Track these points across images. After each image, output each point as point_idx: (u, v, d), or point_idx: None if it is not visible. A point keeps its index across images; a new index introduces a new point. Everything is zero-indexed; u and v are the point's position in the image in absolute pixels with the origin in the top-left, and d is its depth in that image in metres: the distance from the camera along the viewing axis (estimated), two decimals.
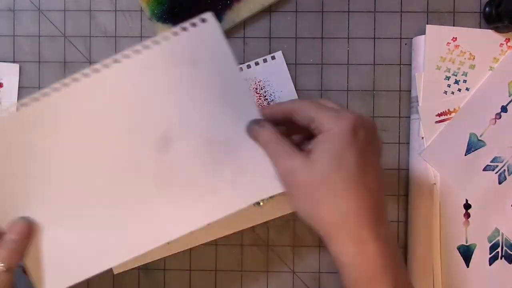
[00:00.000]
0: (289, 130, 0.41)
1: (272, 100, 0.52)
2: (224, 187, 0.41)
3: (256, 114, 0.41)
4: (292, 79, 0.53)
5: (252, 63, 0.52)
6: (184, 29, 0.40)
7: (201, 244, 0.53)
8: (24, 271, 0.42)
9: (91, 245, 0.42)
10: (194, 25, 0.40)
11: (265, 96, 0.52)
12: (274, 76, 0.52)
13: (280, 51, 0.52)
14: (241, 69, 0.52)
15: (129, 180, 0.41)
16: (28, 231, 0.40)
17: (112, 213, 0.42)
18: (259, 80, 0.52)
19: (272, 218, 0.52)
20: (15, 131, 0.41)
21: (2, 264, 0.38)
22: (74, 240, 0.42)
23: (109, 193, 0.42)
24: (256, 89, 0.52)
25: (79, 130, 0.41)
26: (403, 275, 0.38)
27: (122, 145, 0.41)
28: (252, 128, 0.40)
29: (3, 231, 0.40)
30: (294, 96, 0.52)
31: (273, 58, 0.52)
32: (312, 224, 0.38)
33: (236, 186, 0.42)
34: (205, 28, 0.40)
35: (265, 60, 0.52)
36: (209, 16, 0.40)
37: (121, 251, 0.42)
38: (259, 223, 0.52)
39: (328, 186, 0.36)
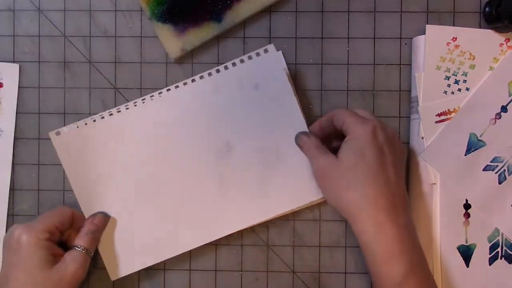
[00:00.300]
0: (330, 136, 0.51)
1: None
2: (273, 191, 0.50)
3: (304, 128, 0.50)
4: (292, 79, 0.53)
5: (245, 57, 0.51)
6: (250, 57, 0.51)
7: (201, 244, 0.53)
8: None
9: (158, 236, 0.51)
10: (258, 54, 0.51)
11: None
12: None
13: (272, 44, 0.51)
14: (234, 64, 0.51)
15: (196, 180, 0.51)
16: (105, 223, 0.50)
17: (180, 207, 0.51)
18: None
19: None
20: (101, 138, 0.51)
21: (85, 248, 0.48)
22: (143, 230, 0.51)
23: (179, 191, 0.51)
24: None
25: (156, 138, 0.51)
26: (421, 259, 0.45)
27: (192, 151, 0.51)
28: (300, 138, 0.49)
29: (82, 221, 0.50)
30: (293, 98, 0.51)
31: (265, 51, 0.51)
32: (339, 208, 0.46)
33: (283, 191, 0.50)
34: (267, 57, 0.50)
35: (257, 54, 0.51)
36: (271, 47, 0.51)
37: (184, 242, 0.51)
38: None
39: (352, 176, 0.45)
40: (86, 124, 0.51)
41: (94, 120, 0.51)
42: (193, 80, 0.51)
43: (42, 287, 0.44)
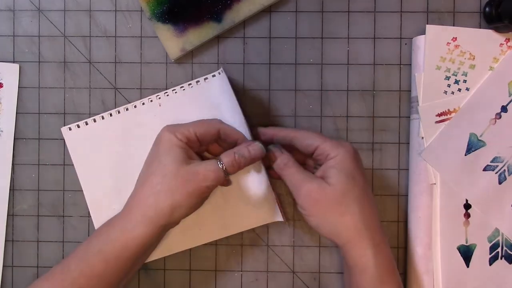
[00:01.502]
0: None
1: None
2: (232, 209, 0.51)
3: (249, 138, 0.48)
4: (292, 79, 0.53)
5: (193, 81, 0.51)
6: (205, 79, 0.50)
7: (201, 244, 0.53)
8: None
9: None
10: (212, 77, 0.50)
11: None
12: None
13: (222, 68, 0.50)
14: (182, 87, 0.51)
15: None
16: (259, 156, 0.46)
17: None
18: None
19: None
20: (110, 134, 0.52)
21: (225, 165, 0.45)
22: None
23: None
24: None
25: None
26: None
27: None
28: (273, 154, 0.48)
29: (232, 142, 0.48)
30: (239, 117, 0.49)
31: (213, 76, 0.51)
32: (334, 234, 0.45)
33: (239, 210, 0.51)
34: (218, 80, 0.50)
35: (205, 79, 0.50)
36: (220, 70, 0.50)
37: (176, 242, 0.52)
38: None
39: (348, 201, 0.44)
40: (95, 121, 0.52)
41: (103, 118, 0.52)
42: (197, 82, 0.51)
43: (170, 181, 0.43)
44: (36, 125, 0.54)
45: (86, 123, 0.52)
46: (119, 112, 0.52)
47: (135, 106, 0.52)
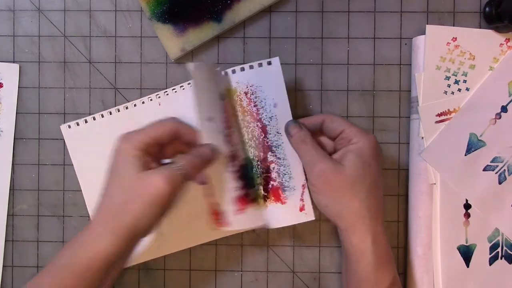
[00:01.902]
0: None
1: (262, 107, 0.50)
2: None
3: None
4: (292, 80, 0.53)
5: (246, 65, 0.50)
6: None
7: (201, 244, 0.53)
8: None
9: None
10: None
11: (255, 102, 0.50)
12: (268, 82, 0.49)
13: (278, 58, 0.49)
14: (233, 71, 0.50)
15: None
16: (211, 156, 0.46)
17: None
18: (250, 85, 0.50)
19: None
20: (109, 132, 0.51)
21: (180, 168, 0.43)
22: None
23: None
24: (247, 93, 0.50)
25: None
26: (396, 269, 0.47)
27: None
28: (291, 128, 0.48)
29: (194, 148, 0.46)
30: (286, 106, 0.49)
31: (269, 63, 0.49)
32: (338, 216, 0.46)
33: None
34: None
35: (260, 65, 0.49)
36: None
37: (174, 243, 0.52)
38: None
39: (359, 186, 0.45)
40: (94, 119, 0.52)
41: (102, 116, 0.52)
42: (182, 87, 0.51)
43: (127, 192, 0.43)
44: (36, 125, 0.54)
45: (86, 121, 0.52)
46: (118, 110, 0.52)
47: (135, 105, 0.52)
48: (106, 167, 0.50)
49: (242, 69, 0.50)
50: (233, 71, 0.50)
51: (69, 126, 0.52)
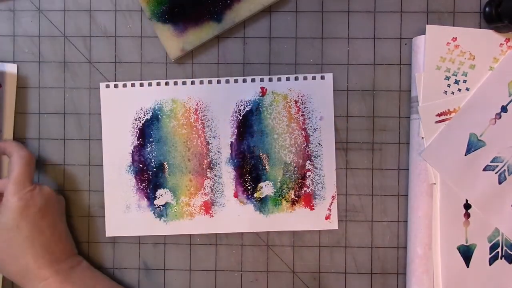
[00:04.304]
0: None
1: (309, 118, 0.52)
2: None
3: None
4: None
5: (301, 76, 0.52)
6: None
7: (201, 244, 0.53)
8: None
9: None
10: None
11: (303, 112, 0.52)
12: (318, 95, 0.52)
13: (331, 74, 0.52)
14: (287, 78, 0.52)
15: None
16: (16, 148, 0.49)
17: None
18: (302, 95, 0.52)
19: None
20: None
21: None
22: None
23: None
24: (297, 102, 0.52)
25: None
26: None
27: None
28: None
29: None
30: (331, 121, 0.52)
31: (322, 78, 0.52)
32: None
33: None
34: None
35: (313, 77, 0.52)
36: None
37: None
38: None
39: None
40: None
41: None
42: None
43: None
44: (36, 125, 0.54)
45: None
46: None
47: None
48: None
49: (296, 78, 0.52)
50: (287, 79, 0.52)
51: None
